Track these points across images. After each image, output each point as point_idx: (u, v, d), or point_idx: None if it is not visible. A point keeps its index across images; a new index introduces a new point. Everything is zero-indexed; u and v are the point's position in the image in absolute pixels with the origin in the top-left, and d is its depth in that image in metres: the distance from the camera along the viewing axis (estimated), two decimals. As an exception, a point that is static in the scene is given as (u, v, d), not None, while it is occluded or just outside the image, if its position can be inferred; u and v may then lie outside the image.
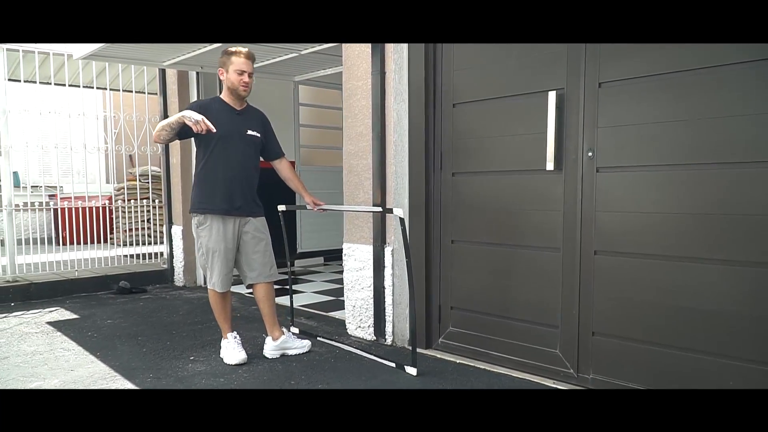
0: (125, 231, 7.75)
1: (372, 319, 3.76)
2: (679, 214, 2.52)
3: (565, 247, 2.89)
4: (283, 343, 3.48)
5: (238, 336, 3.44)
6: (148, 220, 7.36)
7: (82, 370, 3.26)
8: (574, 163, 2.82)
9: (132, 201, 7.22)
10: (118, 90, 6.12)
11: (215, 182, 3.26)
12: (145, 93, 6.29)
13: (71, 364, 3.38)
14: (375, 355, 3.41)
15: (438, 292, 3.51)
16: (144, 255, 6.27)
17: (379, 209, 3.16)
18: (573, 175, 2.84)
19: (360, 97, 3.78)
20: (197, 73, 5.71)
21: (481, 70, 3.23)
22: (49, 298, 5.16)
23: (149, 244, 6.74)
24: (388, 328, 3.68)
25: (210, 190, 3.26)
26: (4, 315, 4.55)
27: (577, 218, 2.83)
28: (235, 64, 3.26)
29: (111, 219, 7.83)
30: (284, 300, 4.97)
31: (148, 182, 6.50)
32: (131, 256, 6.31)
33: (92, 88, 6.14)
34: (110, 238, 7.64)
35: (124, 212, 7.77)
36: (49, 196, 7.93)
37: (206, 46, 4.63)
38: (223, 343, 3.43)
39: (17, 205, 6.04)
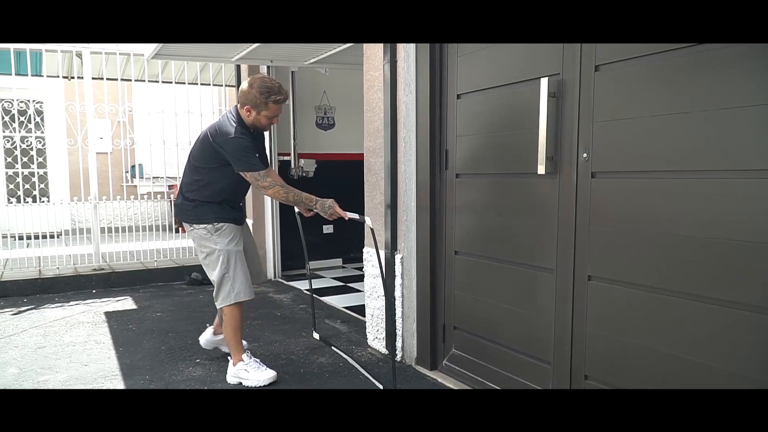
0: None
1: (386, 331, 3.46)
2: (688, 237, 1.90)
3: (558, 269, 2.36)
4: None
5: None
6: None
7: (93, 366, 3.37)
8: (569, 166, 2.28)
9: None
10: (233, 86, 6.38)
11: (233, 200, 3.13)
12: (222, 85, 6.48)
13: (91, 358, 3.51)
14: (370, 374, 3.11)
15: (443, 308, 3.10)
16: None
17: (357, 215, 2.82)
18: (567, 181, 2.29)
19: (377, 89, 3.44)
20: (268, 67, 5.71)
21: (482, 55, 2.75)
22: (128, 286, 5.49)
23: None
24: (399, 343, 3.35)
25: (227, 206, 3.10)
26: (77, 302, 4.91)
27: (571, 235, 2.29)
28: (271, 111, 2.95)
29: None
30: (332, 300, 4.85)
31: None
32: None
33: (209, 85, 6.54)
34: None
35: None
36: (169, 186, 8.59)
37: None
38: (240, 367, 3.05)
39: (137, 197, 6.75)
